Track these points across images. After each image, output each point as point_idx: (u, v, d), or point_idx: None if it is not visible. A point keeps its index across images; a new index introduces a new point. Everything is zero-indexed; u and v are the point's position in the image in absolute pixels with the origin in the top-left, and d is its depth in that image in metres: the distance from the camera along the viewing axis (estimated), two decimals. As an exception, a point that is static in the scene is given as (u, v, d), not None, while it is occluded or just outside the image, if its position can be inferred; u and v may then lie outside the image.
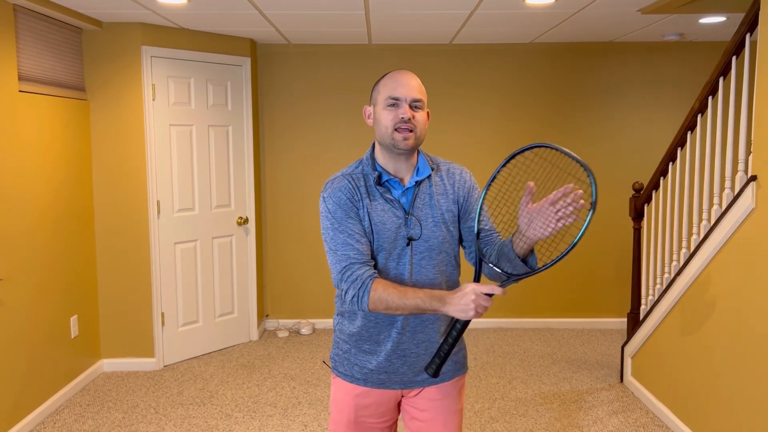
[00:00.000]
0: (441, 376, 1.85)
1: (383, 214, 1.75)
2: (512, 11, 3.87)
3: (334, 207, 1.74)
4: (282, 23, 4.23)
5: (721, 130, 3.18)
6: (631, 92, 5.20)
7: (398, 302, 1.64)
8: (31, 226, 3.57)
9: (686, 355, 3.32)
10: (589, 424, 3.54)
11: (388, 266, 1.76)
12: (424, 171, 1.79)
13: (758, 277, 2.71)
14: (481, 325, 5.40)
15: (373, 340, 1.80)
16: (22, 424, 3.46)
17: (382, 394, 1.86)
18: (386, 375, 1.83)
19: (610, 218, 5.30)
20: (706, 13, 3.92)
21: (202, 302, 4.71)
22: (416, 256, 1.76)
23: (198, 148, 4.60)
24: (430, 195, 1.79)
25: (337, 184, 1.77)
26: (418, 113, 1.73)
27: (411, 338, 1.80)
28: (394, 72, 1.76)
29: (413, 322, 1.78)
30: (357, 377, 1.85)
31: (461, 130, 5.23)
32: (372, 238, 1.75)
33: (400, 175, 1.79)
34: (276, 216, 5.30)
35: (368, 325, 1.80)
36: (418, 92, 1.73)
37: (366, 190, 1.76)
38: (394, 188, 1.77)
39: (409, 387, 1.86)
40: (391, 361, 1.81)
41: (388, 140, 1.73)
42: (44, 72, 3.72)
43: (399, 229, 1.75)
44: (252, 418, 3.66)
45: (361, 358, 1.83)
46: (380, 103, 1.75)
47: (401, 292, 1.64)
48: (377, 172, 1.77)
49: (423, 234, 1.76)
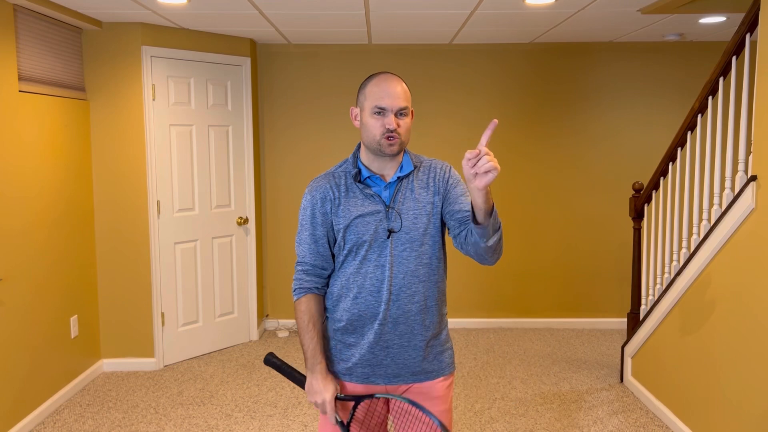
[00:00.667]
0: (426, 374, 1.88)
1: (362, 208, 1.82)
2: (512, 11, 3.87)
3: (308, 206, 1.87)
4: (282, 23, 4.23)
5: (721, 130, 3.18)
6: (631, 92, 5.20)
7: (300, 329, 1.86)
8: (31, 225, 3.57)
9: (686, 355, 3.32)
10: (589, 424, 3.54)
11: (369, 258, 1.82)
12: (407, 168, 1.86)
13: (758, 277, 2.71)
14: (481, 325, 5.40)
15: (358, 332, 1.85)
16: (22, 424, 3.46)
17: (367, 390, 1.88)
18: (370, 368, 1.86)
19: (610, 218, 5.30)
20: (706, 13, 3.92)
21: (202, 302, 4.71)
22: (397, 248, 1.81)
23: (198, 148, 4.60)
24: (411, 189, 1.85)
25: (316, 184, 1.88)
26: (403, 120, 1.80)
27: (393, 329, 1.82)
28: (380, 78, 1.80)
29: (395, 313, 1.82)
30: (342, 373, 1.88)
31: (460, 130, 5.23)
32: (346, 234, 1.82)
33: (382, 173, 1.86)
34: (276, 216, 5.30)
35: (352, 318, 1.84)
36: (403, 100, 1.78)
37: (346, 188, 1.85)
38: (375, 184, 1.85)
39: (394, 383, 1.87)
40: (374, 353, 1.84)
41: (375, 146, 1.80)
42: (44, 72, 3.72)
43: (380, 222, 1.81)
44: (252, 418, 3.66)
45: (346, 353, 1.87)
46: (367, 109, 1.80)
47: (305, 326, 1.85)
48: (356, 169, 1.85)
49: (403, 226, 1.82)
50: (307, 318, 1.85)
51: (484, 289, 5.37)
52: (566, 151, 5.25)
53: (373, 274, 1.82)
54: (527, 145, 5.24)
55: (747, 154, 3.38)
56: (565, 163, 5.25)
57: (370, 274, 1.82)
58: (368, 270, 1.82)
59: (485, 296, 5.39)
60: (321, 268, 1.88)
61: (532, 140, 5.24)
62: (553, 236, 5.33)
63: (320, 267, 1.88)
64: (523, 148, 5.25)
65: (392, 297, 1.81)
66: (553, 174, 5.27)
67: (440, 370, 1.90)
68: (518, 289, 5.38)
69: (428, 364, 1.88)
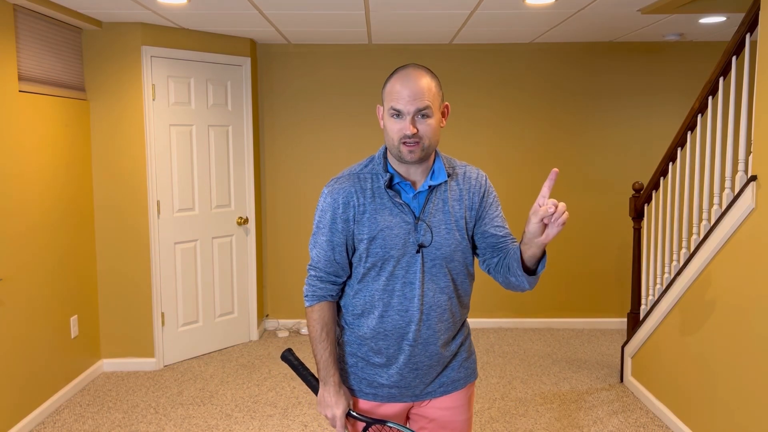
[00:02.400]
0: (453, 384, 1.80)
1: (390, 219, 1.65)
2: (512, 11, 3.87)
3: (327, 209, 1.70)
4: (282, 23, 4.23)
5: (721, 130, 3.18)
6: (631, 92, 5.20)
7: (313, 338, 1.75)
8: (31, 226, 3.57)
9: (686, 355, 3.32)
10: (589, 424, 3.55)
11: (397, 274, 1.67)
12: (440, 176, 1.68)
13: (758, 277, 2.71)
14: (481, 325, 5.40)
15: (384, 353, 1.72)
16: (22, 424, 3.46)
17: (392, 407, 1.79)
18: (398, 390, 1.75)
19: (610, 218, 5.30)
20: (706, 13, 3.92)
21: (202, 302, 4.71)
22: (427, 264, 1.67)
23: (198, 148, 4.60)
24: (444, 200, 1.69)
25: (339, 186, 1.69)
26: (424, 123, 1.59)
27: (423, 350, 1.72)
28: (399, 74, 1.61)
29: (425, 334, 1.70)
30: (366, 392, 1.77)
31: (461, 131, 5.23)
32: (371, 246, 1.66)
33: (412, 179, 1.69)
34: (276, 216, 5.30)
35: (377, 338, 1.72)
36: (425, 98, 1.57)
37: (372, 192, 1.67)
38: (405, 191, 1.68)
39: (420, 399, 1.79)
40: (403, 375, 1.73)
41: (395, 151, 1.63)
42: (44, 72, 3.72)
43: (408, 235, 1.65)
44: (252, 418, 3.66)
45: (370, 372, 1.76)
46: (386, 110, 1.63)
47: (318, 335, 1.74)
48: (389, 174, 1.66)
49: (434, 241, 1.66)
50: (320, 327, 1.74)
51: (484, 289, 5.37)
52: (566, 151, 5.25)
53: (401, 291, 1.67)
54: (527, 144, 5.24)
55: (747, 154, 3.37)
56: (565, 163, 5.25)
57: (397, 291, 1.68)
58: (395, 287, 1.68)
59: (485, 296, 5.39)
60: (336, 275, 1.75)
61: (532, 140, 5.24)
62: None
63: (335, 275, 1.75)
64: (523, 148, 5.25)
65: (423, 317, 1.68)
66: (553, 174, 5.27)
67: (466, 378, 1.84)
68: (518, 289, 5.38)
69: (454, 372, 1.81)
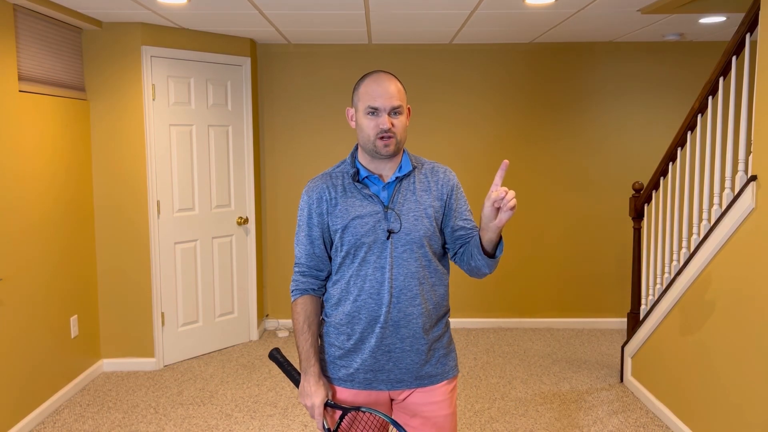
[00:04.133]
0: (429, 379, 1.85)
1: (361, 209, 1.80)
2: (512, 11, 3.87)
3: (304, 206, 1.87)
4: (282, 23, 4.23)
5: (721, 130, 3.18)
6: (631, 92, 5.20)
7: (296, 330, 1.86)
8: (30, 225, 3.57)
9: (686, 355, 3.32)
10: (589, 424, 3.55)
11: (368, 260, 1.79)
12: (406, 168, 1.84)
13: (758, 276, 2.71)
14: (481, 325, 5.40)
15: (358, 335, 1.81)
16: (22, 424, 3.46)
17: (370, 396, 1.84)
18: (372, 374, 1.82)
19: (610, 218, 5.30)
20: (706, 13, 3.92)
21: (202, 302, 4.71)
22: (397, 249, 1.79)
23: (198, 148, 4.60)
24: (412, 191, 1.83)
25: (313, 185, 1.86)
26: (397, 119, 1.77)
27: (394, 332, 1.79)
28: (372, 78, 1.78)
29: (396, 316, 1.79)
30: (343, 379, 1.84)
31: (461, 131, 5.23)
32: (344, 235, 1.80)
33: (380, 173, 1.84)
34: (276, 216, 5.30)
35: (352, 322, 1.81)
36: (397, 98, 1.76)
37: (343, 187, 1.83)
38: (373, 184, 1.82)
39: (397, 388, 1.83)
40: (377, 357, 1.80)
41: (370, 146, 1.78)
42: (44, 72, 3.72)
43: (378, 223, 1.78)
44: (252, 418, 3.66)
45: (346, 360, 1.84)
46: (360, 110, 1.78)
47: (300, 327, 1.84)
48: (354, 169, 1.82)
49: (403, 227, 1.79)
50: (302, 319, 1.84)
51: (484, 289, 5.37)
52: (566, 151, 5.25)
53: (372, 276, 1.79)
54: (527, 144, 5.24)
55: (747, 154, 3.37)
56: (565, 163, 5.25)
57: (369, 276, 1.79)
58: (368, 272, 1.79)
59: (485, 296, 5.39)
60: (317, 269, 1.86)
61: (532, 139, 5.23)
62: (554, 236, 5.33)
63: (316, 268, 1.86)
64: (523, 148, 5.25)
65: (393, 300, 1.78)
66: (553, 173, 5.27)
67: (444, 374, 1.87)
68: (518, 289, 5.38)
69: (431, 367, 1.84)
